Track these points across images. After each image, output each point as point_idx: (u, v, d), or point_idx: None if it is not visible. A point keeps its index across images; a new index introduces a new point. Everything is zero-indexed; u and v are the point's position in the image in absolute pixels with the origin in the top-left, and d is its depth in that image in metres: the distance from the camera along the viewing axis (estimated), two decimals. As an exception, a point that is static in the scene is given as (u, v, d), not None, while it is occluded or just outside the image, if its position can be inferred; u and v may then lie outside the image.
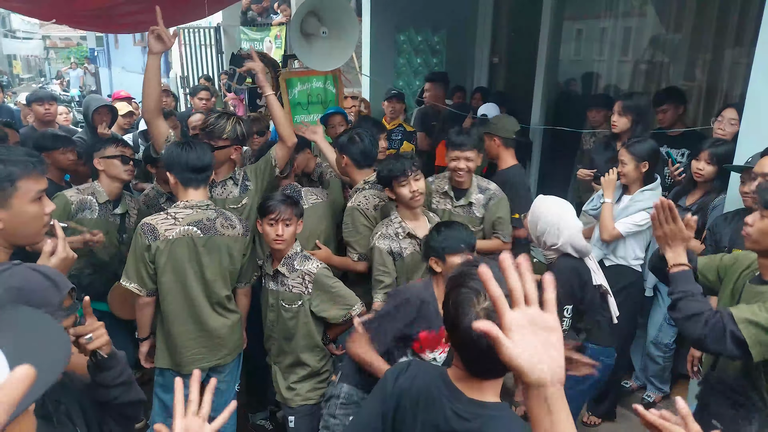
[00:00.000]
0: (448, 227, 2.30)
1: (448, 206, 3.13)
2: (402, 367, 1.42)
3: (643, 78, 4.94)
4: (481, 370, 1.25)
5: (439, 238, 2.24)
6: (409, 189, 2.60)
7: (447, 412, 1.25)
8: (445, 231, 2.27)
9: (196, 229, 2.43)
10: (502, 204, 3.09)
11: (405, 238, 2.65)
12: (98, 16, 3.85)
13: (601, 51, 5.36)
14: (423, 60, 6.02)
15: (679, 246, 1.88)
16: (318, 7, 3.90)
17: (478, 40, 6.15)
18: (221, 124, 2.75)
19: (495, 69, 6.24)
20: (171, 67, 12.64)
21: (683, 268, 1.86)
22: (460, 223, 2.41)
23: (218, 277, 2.51)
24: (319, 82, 4.50)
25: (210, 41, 9.48)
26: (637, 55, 5.01)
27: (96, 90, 16.46)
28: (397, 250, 2.63)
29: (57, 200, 2.80)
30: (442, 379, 1.31)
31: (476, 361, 1.23)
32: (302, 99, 4.46)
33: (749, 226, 1.88)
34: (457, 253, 2.19)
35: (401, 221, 2.68)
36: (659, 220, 1.87)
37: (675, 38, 4.70)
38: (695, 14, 4.49)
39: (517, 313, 0.84)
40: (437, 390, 1.29)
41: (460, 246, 2.20)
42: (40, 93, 4.97)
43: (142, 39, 14.11)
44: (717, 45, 4.33)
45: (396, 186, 2.63)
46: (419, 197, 2.63)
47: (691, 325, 1.79)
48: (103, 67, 18.05)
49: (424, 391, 1.31)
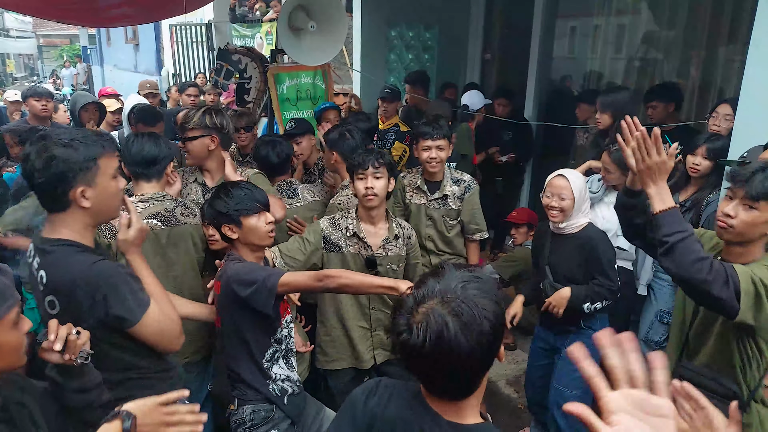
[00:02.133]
0: (236, 187, 2.10)
1: (422, 201, 3.08)
2: (371, 388, 1.30)
3: (636, 75, 4.89)
4: (440, 390, 1.15)
5: (231, 201, 2.04)
6: (365, 184, 2.44)
7: None
8: (235, 191, 2.07)
9: (157, 222, 2.35)
10: (476, 195, 3.10)
11: (351, 236, 2.53)
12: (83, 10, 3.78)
13: (595, 48, 5.32)
14: (414, 56, 5.96)
15: (664, 181, 1.74)
16: (306, 1, 3.84)
17: (470, 37, 6.11)
18: (189, 114, 2.67)
19: (487, 65, 6.19)
20: (163, 65, 12.56)
21: (673, 207, 1.73)
22: (248, 182, 2.23)
23: (187, 268, 2.43)
24: (308, 77, 4.43)
25: (201, 38, 9.40)
26: (630, 53, 4.97)
27: (88, 88, 16.34)
28: (335, 241, 2.53)
29: (30, 200, 2.74)
30: (419, 401, 1.20)
31: (429, 381, 1.14)
32: (291, 95, 4.39)
33: (731, 218, 1.76)
34: (254, 214, 2.04)
35: (355, 219, 2.54)
36: (641, 154, 1.72)
37: (669, 35, 4.66)
38: (688, 11, 4.45)
39: (617, 395, 0.72)
40: (415, 415, 1.19)
41: (255, 205, 2.04)
42: (37, 89, 4.94)
43: (134, 36, 14.02)
44: (710, 42, 4.30)
45: (354, 178, 2.49)
46: (372, 198, 2.44)
47: (697, 269, 1.64)
48: (96, 65, 17.94)
49: (400, 417, 1.21)
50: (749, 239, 1.78)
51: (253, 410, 2.09)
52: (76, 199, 1.60)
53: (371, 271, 2.51)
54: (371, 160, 2.45)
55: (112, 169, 1.69)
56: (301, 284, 1.97)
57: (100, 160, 1.64)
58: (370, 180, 2.44)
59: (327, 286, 1.96)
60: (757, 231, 1.76)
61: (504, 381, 3.79)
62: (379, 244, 2.55)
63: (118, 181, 1.72)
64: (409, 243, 2.65)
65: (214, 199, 2.11)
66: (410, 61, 5.93)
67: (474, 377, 1.12)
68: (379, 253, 2.55)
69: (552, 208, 2.59)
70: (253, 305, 1.95)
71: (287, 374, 2.17)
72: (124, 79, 13.59)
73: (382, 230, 2.57)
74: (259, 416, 2.08)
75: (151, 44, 13.05)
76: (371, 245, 2.54)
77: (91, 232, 1.70)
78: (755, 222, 1.74)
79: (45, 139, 1.61)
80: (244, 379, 2.10)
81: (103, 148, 1.66)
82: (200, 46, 9.55)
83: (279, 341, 2.12)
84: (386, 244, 2.56)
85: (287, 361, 2.18)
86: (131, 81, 7.34)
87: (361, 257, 2.53)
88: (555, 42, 5.52)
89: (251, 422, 2.08)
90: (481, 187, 3.32)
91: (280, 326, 2.11)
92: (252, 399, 2.10)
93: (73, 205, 1.61)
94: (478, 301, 1.06)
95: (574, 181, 2.58)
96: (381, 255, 2.55)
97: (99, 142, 1.66)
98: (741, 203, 1.75)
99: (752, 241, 1.79)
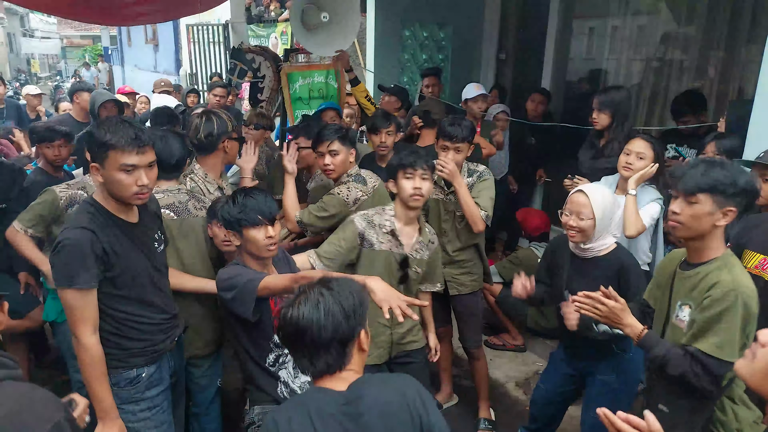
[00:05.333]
0: (247, 195, 2.07)
1: (439, 195, 3.06)
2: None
3: (653, 76, 4.82)
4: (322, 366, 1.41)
5: (234, 209, 2.02)
6: (413, 184, 2.45)
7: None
8: (242, 200, 2.04)
9: (169, 212, 2.41)
10: (489, 182, 3.02)
11: (387, 233, 2.53)
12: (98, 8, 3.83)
13: (612, 49, 5.24)
14: (428, 56, 5.94)
15: (627, 315, 1.95)
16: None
17: (485, 36, 6.07)
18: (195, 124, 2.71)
19: (502, 66, 6.14)
20: (182, 65, 12.70)
21: (645, 331, 1.95)
22: (262, 189, 2.19)
23: (196, 260, 2.46)
24: (320, 76, 4.46)
25: (218, 38, 9.47)
26: (648, 53, 4.89)
27: (109, 87, 16.60)
28: (370, 238, 2.53)
29: (45, 196, 2.78)
30: (321, 393, 1.41)
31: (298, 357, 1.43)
32: (303, 93, 4.41)
33: (676, 215, 1.86)
34: (255, 226, 2.01)
35: (393, 216, 2.56)
36: (593, 312, 1.99)
37: (687, 36, 4.58)
38: (707, 12, 4.37)
39: None
40: (324, 406, 1.38)
41: (256, 218, 2.01)
42: (82, 85, 5.41)
43: (153, 37, 14.20)
44: (729, 42, 4.22)
45: (401, 176, 2.48)
46: (419, 198, 2.47)
47: (693, 374, 1.83)
48: (117, 65, 18.22)
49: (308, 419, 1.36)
50: (701, 233, 1.86)
51: (261, 411, 2.10)
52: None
53: (403, 270, 2.53)
54: (421, 162, 2.47)
55: (120, 164, 1.88)
56: (280, 287, 1.94)
57: (110, 151, 1.86)
58: (418, 180, 2.46)
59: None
60: (704, 223, 1.83)
61: (513, 383, 3.76)
62: (412, 246, 2.56)
63: (132, 176, 1.90)
64: (432, 248, 2.66)
65: (225, 203, 2.13)
66: (424, 61, 5.91)
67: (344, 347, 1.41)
68: (411, 254, 2.56)
69: (570, 227, 2.35)
70: (234, 309, 1.95)
71: (297, 378, 2.17)
72: (144, 78, 13.76)
73: (415, 232, 2.59)
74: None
75: (171, 45, 13.21)
76: (404, 245, 2.54)
77: (115, 203, 1.99)
78: (698, 214, 1.82)
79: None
80: (254, 380, 2.11)
81: (117, 142, 1.87)
82: (217, 46, 9.63)
83: (281, 345, 2.11)
84: (419, 246, 2.58)
85: (296, 367, 2.16)
86: (151, 81, 7.46)
87: (392, 255, 2.53)
88: (571, 42, 5.47)
89: (260, 422, 2.09)
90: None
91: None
92: (261, 400, 2.11)
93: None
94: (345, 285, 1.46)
95: (596, 198, 2.31)
96: (412, 257, 2.56)
97: (118, 137, 1.87)
98: (683, 200, 1.85)
99: (706, 235, 1.86)
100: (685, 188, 1.84)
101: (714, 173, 1.81)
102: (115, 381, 2.03)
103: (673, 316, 1.97)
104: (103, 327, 1.97)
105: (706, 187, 1.80)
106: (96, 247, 1.88)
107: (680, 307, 1.93)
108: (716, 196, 1.80)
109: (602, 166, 3.24)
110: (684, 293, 1.93)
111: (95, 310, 1.92)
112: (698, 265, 1.90)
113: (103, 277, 1.93)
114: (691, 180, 1.83)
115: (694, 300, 1.87)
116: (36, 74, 31.02)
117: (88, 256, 1.86)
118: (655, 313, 2.10)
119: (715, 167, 1.83)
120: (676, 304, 1.95)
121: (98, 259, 1.89)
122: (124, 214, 2.00)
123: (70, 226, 1.91)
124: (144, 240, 2.07)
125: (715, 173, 1.81)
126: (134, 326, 2.05)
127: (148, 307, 2.08)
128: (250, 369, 2.11)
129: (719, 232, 1.87)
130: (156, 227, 2.17)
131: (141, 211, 2.09)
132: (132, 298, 2.02)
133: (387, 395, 1.40)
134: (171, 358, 2.24)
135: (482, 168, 3.09)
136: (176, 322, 2.26)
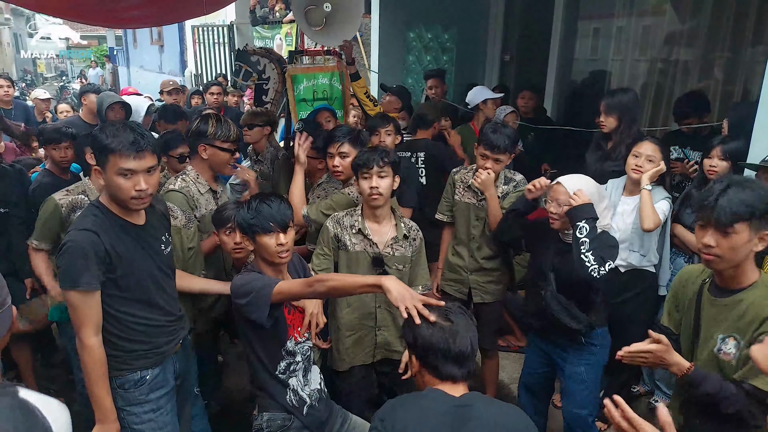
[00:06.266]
0: (262, 201, 2.05)
1: (472, 200, 3.03)
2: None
3: (658, 77, 4.81)
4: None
5: (248, 215, 2.03)
6: (369, 184, 2.44)
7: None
8: (259, 206, 2.03)
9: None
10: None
11: (356, 234, 2.53)
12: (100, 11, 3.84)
13: (617, 50, 5.24)
14: (433, 57, 5.95)
15: (672, 355, 1.80)
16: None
17: (489, 38, 6.08)
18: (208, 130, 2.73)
19: (506, 67, 6.14)
20: (187, 66, 12.74)
21: (690, 368, 1.80)
22: (278, 195, 2.16)
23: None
24: (324, 78, 4.45)
25: (223, 39, 9.51)
26: (653, 54, 4.88)
27: (114, 88, 16.66)
28: (344, 240, 2.53)
29: (46, 206, 2.81)
30: (439, 393, 1.54)
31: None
32: (308, 95, 4.41)
33: (711, 248, 1.71)
34: (267, 233, 2.01)
35: (360, 217, 2.55)
36: (644, 358, 1.86)
37: (691, 36, 4.57)
38: (712, 12, 4.35)
39: None
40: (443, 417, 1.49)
41: (268, 225, 2.00)
42: (90, 87, 5.37)
43: (159, 38, 14.25)
44: (734, 43, 4.21)
45: (360, 177, 2.49)
46: (377, 197, 2.45)
47: (740, 416, 1.73)
48: (122, 66, 18.28)
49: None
50: (739, 263, 1.74)
51: (270, 418, 2.11)
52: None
53: (378, 269, 2.51)
54: (375, 160, 2.44)
55: (118, 168, 1.90)
56: (294, 292, 1.94)
57: (110, 155, 1.85)
58: (374, 179, 2.44)
59: (317, 290, 1.91)
60: (742, 252, 1.71)
61: (516, 385, 3.75)
62: (386, 243, 2.55)
63: (131, 181, 1.91)
64: (414, 244, 2.62)
65: (231, 210, 2.16)
66: (428, 63, 5.92)
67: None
68: (386, 252, 2.55)
69: (551, 214, 2.49)
70: (248, 315, 1.95)
71: (307, 386, 2.18)
72: (149, 79, 13.82)
73: (389, 229, 2.57)
74: (275, 424, 2.10)
75: (176, 46, 13.26)
76: (377, 243, 2.53)
77: (118, 205, 2.01)
78: (737, 246, 1.70)
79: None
80: (263, 387, 2.12)
81: (118, 147, 1.88)
82: (222, 47, 9.67)
83: (292, 353, 2.12)
84: (394, 243, 2.56)
85: (305, 376, 2.18)
86: (157, 82, 7.48)
87: (368, 255, 2.53)
88: (578, 43, 5.46)
89: (267, 429, 2.10)
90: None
91: (289, 338, 2.11)
92: (270, 407, 2.12)
93: None
94: None
95: (572, 186, 2.43)
96: (388, 254, 2.55)
97: (120, 142, 1.89)
98: (717, 231, 1.71)
99: (742, 263, 1.75)
100: (719, 221, 1.69)
101: (746, 197, 1.68)
102: (121, 383, 2.05)
103: (713, 347, 1.82)
104: (108, 329, 1.98)
105: (745, 215, 1.67)
106: (98, 249, 1.89)
107: (724, 340, 1.78)
108: (753, 222, 1.68)
109: (609, 169, 3.22)
110: (726, 324, 1.78)
111: (98, 311, 1.93)
112: (735, 291, 1.78)
113: (106, 279, 1.94)
114: (725, 211, 1.68)
115: (741, 332, 1.74)
116: (42, 74, 31.12)
117: (91, 258, 1.87)
118: (682, 339, 1.98)
119: (744, 190, 1.69)
120: (716, 336, 1.80)
121: (101, 261, 1.90)
122: (130, 216, 2.02)
123: (74, 228, 1.93)
124: (150, 242, 2.08)
125: (746, 197, 1.68)
126: (139, 328, 2.06)
127: (152, 309, 2.09)
128: (261, 377, 2.11)
129: (752, 255, 1.76)
130: (163, 229, 2.19)
131: (148, 212, 2.10)
132: (136, 299, 2.03)
133: (501, 409, 1.56)
134: (176, 360, 2.25)
135: (519, 177, 3.02)
136: (181, 324, 2.27)
